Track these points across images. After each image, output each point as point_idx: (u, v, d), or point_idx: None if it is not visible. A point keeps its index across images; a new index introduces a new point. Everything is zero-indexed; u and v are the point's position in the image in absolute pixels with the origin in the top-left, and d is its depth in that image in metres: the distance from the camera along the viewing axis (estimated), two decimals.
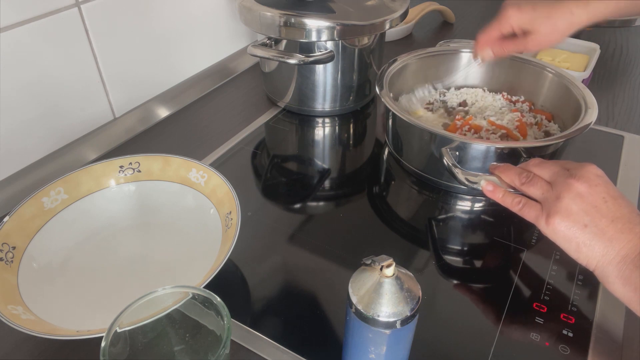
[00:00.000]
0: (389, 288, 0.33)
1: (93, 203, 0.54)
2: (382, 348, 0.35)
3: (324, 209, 0.60)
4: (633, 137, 0.70)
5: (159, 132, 0.74)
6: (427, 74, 0.73)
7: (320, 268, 0.51)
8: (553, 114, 0.67)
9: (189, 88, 0.83)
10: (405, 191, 0.63)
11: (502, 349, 0.43)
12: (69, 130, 0.67)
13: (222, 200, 0.52)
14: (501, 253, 0.53)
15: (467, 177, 0.51)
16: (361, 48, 0.72)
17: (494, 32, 0.57)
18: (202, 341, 0.36)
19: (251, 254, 0.53)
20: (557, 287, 0.49)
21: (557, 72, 0.66)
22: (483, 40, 0.58)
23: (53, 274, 0.49)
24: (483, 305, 0.47)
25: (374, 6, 0.70)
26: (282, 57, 0.67)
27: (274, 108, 0.79)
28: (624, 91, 0.82)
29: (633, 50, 0.96)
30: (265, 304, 0.48)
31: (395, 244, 0.55)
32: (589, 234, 0.40)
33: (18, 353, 0.44)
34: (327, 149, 0.72)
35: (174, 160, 0.56)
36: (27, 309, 0.43)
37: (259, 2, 0.68)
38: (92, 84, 0.68)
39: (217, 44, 0.88)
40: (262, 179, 0.65)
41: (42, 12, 0.59)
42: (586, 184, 0.41)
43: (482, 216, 0.59)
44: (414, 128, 0.58)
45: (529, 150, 0.54)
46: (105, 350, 0.31)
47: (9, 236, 0.47)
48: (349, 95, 0.76)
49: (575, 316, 0.46)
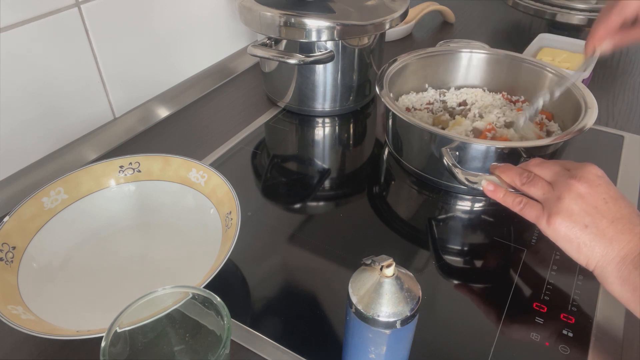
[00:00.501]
0: (389, 288, 0.33)
1: (93, 203, 0.54)
2: (382, 348, 0.35)
3: (324, 209, 0.60)
4: (633, 137, 0.70)
5: (159, 132, 0.74)
6: (427, 74, 0.73)
7: (320, 268, 0.51)
8: (553, 114, 0.67)
9: (189, 88, 0.83)
10: (405, 191, 0.63)
11: (502, 349, 0.43)
12: (69, 130, 0.67)
13: (222, 200, 0.52)
14: (501, 253, 0.53)
15: (467, 177, 0.50)
16: (361, 48, 0.72)
17: (615, 21, 0.51)
18: (202, 341, 0.36)
19: (251, 254, 0.53)
20: (557, 287, 0.49)
21: (557, 72, 0.66)
22: (603, 31, 0.53)
23: (53, 274, 0.48)
24: (483, 305, 0.47)
25: (374, 6, 0.70)
26: (282, 57, 0.67)
27: (274, 108, 0.79)
28: (624, 91, 0.82)
29: (633, 50, 0.96)
30: (265, 304, 0.48)
31: (395, 244, 0.55)
32: (589, 234, 0.40)
33: (18, 353, 0.44)
34: (327, 149, 0.72)
35: (174, 160, 0.56)
36: (27, 309, 0.43)
37: (259, 2, 0.68)
38: (92, 84, 0.68)
39: (217, 44, 0.88)
40: (262, 179, 0.65)
41: (42, 12, 0.59)
42: (587, 184, 0.41)
43: (482, 216, 0.59)
44: (414, 128, 0.58)
45: (529, 150, 0.54)
46: (105, 350, 0.31)
47: (9, 236, 0.47)
48: (349, 95, 0.76)
49: (575, 316, 0.46)
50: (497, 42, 1.00)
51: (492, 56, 0.72)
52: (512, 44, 1.00)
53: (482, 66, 0.73)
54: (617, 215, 0.40)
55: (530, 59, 0.70)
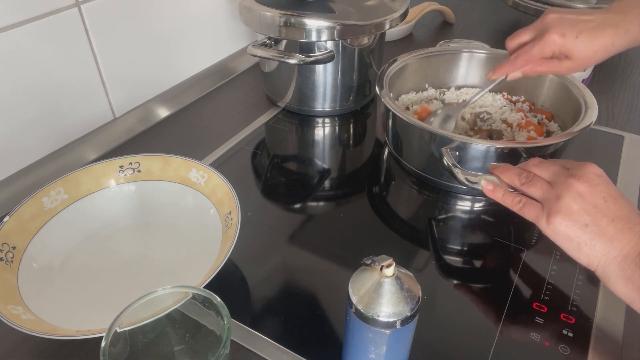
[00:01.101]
0: (389, 288, 0.33)
1: (93, 203, 0.54)
2: (382, 348, 0.35)
3: (324, 209, 0.60)
4: (633, 137, 0.70)
5: (159, 132, 0.74)
6: (427, 74, 0.73)
7: (320, 268, 0.51)
8: (553, 114, 0.67)
9: (189, 88, 0.83)
10: (405, 191, 0.63)
11: (502, 349, 0.43)
12: (69, 130, 0.67)
13: (222, 200, 0.52)
14: (501, 253, 0.53)
15: (467, 177, 0.50)
16: (361, 48, 0.72)
17: (536, 56, 0.54)
18: (203, 341, 0.36)
19: (251, 254, 0.53)
20: (557, 287, 0.49)
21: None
22: (523, 62, 0.55)
23: (53, 274, 0.49)
24: (483, 305, 0.47)
25: (374, 6, 0.70)
26: (282, 57, 0.67)
27: (274, 108, 0.79)
28: (624, 91, 0.82)
29: (633, 50, 0.96)
30: (265, 304, 0.48)
31: (395, 244, 0.55)
32: (589, 233, 0.40)
33: (18, 353, 0.44)
34: (327, 149, 0.72)
35: (174, 160, 0.56)
36: (27, 309, 0.43)
37: (259, 2, 0.68)
38: (92, 84, 0.68)
39: (217, 44, 0.88)
40: (262, 179, 0.65)
41: (42, 12, 0.59)
42: (587, 183, 0.41)
43: (482, 216, 0.59)
44: (414, 128, 0.58)
45: (529, 150, 0.54)
46: (105, 350, 0.31)
47: (9, 236, 0.47)
48: (349, 95, 0.76)
49: (575, 316, 0.46)
50: (497, 42, 0.99)
51: (492, 56, 0.72)
52: None
53: (482, 66, 0.73)
54: (617, 214, 0.40)
55: None
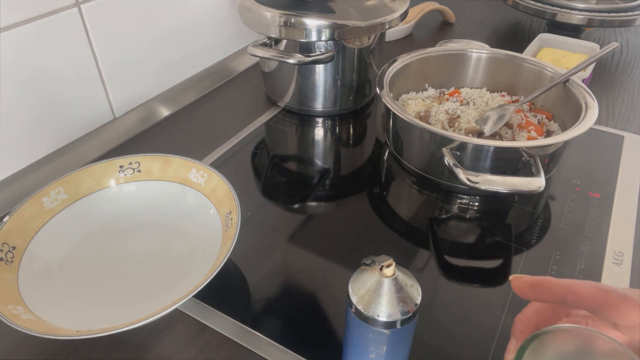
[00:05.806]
0: (389, 288, 0.33)
1: (93, 203, 0.54)
2: (382, 348, 0.35)
3: (324, 209, 0.60)
4: (633, 137, 0.70)
5: (159, 132, 0.74)
6: (427, 74, 0.73)
7: (320, 268, 0.51)
8: (553, 114, 0.67)
9: (189, 88, 0.83)
10: (405, 191, 0.63)
11: (502, 349, 0.43)
12: (69, 130, 0.67)
13: (222, 200, 0.52)
14: (501, 253, 0.53)
15: (469, 176, 0.51)
16: (361, 48, 0.72)
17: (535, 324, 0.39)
18: None
19: (251, 254, 0.53)
20: None
21: (557, 72, 0.66)
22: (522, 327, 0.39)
23: (53, 274, 0.48)
24: (483, 305, 0.47)
25: (374, 6, 0.70)
26: (282, 57, 0.67)
27: (274, 108, 0.79)
28: (624, 91, 0.82)
29: (633, 50, 0.97)
30: (265, 304, 0.48)
31: (395, 244, 0.55)
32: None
33: (18, 353, 0.44)
34: (327, 149, 0.72)
35: (174, 160, 0.56)
36: (27, 309, 0.42)
37: (259, 2, 0.68)
38: (92, 84, 0.68)
39: (217, 44, 0.88)
40: (262, 179, 0.65)
41: (42, 12, 0.59)
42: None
43: (482, 216, 0.59)
44: (414, 128, 0.58)
45: (529, 150, 0.54)
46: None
47: (9, 236, 0.47)
48: (348, 95, 0.76)
49: None
50: (497, 42, 1.00)
51: (492, 56, 0.72)
52: (512, 44, 1.00)
53: (482, 66, 0.73)
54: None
55: (530, 58, 0.70)
